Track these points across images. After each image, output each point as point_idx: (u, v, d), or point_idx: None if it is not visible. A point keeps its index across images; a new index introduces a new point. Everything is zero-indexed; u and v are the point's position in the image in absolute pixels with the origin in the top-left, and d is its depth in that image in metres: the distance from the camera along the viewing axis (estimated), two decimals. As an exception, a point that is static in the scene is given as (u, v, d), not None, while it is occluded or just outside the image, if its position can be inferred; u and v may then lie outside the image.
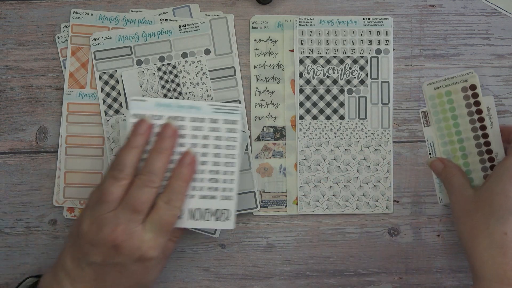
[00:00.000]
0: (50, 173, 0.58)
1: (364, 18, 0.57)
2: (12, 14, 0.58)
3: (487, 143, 0.56)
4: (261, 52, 0.58)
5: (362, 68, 0.57)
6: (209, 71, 0.58)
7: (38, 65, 0.58)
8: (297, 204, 0.58)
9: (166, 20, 0.58)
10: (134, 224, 0.48)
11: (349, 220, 0.58)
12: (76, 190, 0.57)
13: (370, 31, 0.57)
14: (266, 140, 0.58)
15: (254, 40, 0.58)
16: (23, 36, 0.58)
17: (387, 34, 0.58)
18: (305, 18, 0.57)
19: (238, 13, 0.58)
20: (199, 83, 0.58)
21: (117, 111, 0.58)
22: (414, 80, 0.58)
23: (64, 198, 0.57)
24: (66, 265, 0.49)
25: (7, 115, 0.58)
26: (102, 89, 0.58)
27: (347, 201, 0.57)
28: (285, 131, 0.58)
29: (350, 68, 0.57)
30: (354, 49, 0.57)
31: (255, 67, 0.58)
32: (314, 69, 0.57)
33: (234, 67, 0.58)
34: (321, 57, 0.57)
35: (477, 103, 0.56)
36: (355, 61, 0.57)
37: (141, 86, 0.58)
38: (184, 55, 0.58)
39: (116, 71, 0.58)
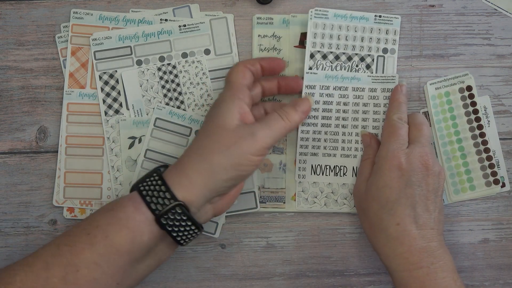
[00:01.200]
0: (50, 173, 0.58)
1: (375, 15, 0.57)
2: (12, 14, 0.58)
3: (485, 142, 0.57)
4: (265, 48, 0.58)
5: (368, 67, 0.57)
6: (209, 71, 0.58)
7: (38, 65, 0.58)
8: (295, 200, 0.58)
9: (166, 20, 0.58)
10: None
11: (349, 220, 0.58)
12: (76, 190, 0.57)
13: (379, 29, 0.57)
14: (266, 139, 0.58)
15: (259, 35, 0.58)
16: (23, 36, 0.58)
17: (395, 34, 0.57)
18: (320, 10, 0.56)
19: (238, 13, 0.58)
20: (199, 83, 0.58)
21: (117, 111, 0.58)
22: (414, 80, 0.58)
23: (64, 198, 0.57)
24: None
25: (7, 115, 0.58)
26: (102, 89, 0.58)
27: (345, 199, 0.57)
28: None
29: (356, 66, 0.57)
30: (362, 47, 0.57)
31: None
32: (323, 65, 0.57)
33: (234, 67, 0.58)
34: (331, 52, 0.57)
35: (474, 103, 0.57)
36: (362, 59, 0.57)
37: (141, 86, 0.58)
38: (184, 55, 0.58)
39: (116, 71, 0.58)
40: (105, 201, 0.57)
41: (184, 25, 0.58)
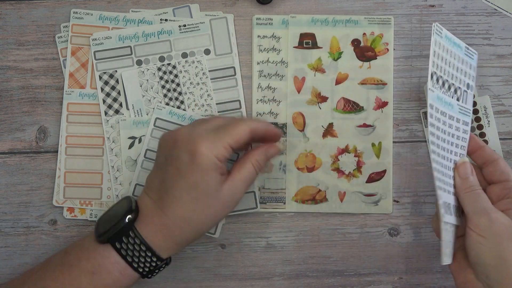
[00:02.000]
0: (50, 173, 0.58)
1: (466, 47, 0.53)
2: (12, 14, 0.58)
3: (485, 142, 0.57)
4: (265, 48, 0.58)
5: (457, 99, 0.53)
6: (209, 71, 0.58)
7: (38, 65, 0.58)
8: (296, 201, 0.57)
9: (166, 20, 0.58)
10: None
11: (349, 220, 0.58)
12: (76, 190, 0.57)
13: (467, 62, 0.53)
14: (266, 139, 0.58)
15: (258, 36, 0.58)
16: (23, 36, 0.58)
17: (471, 68, 0.54)
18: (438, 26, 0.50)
19: (238, 13, 0.58)
20: (199, 83, 0.58)
21: (117, 111, 0.58)
22: (414, 80, 0.58)
23: (64, 198, 0.57)
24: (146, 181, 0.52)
25: (7, 115, 0.58)
26: (102, 89, 0.58)
27: None
28: (286, 128, 0.58)
29: (452, 98, 0.52)
30: (457, 77, 0.53)
31: (258, 63, 0.58)
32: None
33: (234, 67, 0.58)
34: (441, 77, 0.51)
35: (474, 103, 0.57)
36: (455, 91, 0.53)
37: (141, 86, 0.58)
38: (184, 55, 0.58)
39: (116, 71, 0.58)
40: (105, 201, 0.57)
41: (184, 25, 0.58)
